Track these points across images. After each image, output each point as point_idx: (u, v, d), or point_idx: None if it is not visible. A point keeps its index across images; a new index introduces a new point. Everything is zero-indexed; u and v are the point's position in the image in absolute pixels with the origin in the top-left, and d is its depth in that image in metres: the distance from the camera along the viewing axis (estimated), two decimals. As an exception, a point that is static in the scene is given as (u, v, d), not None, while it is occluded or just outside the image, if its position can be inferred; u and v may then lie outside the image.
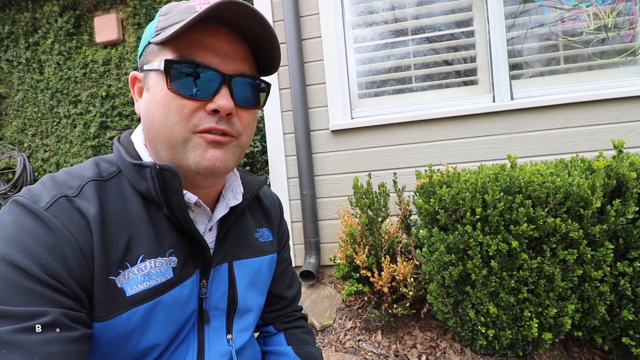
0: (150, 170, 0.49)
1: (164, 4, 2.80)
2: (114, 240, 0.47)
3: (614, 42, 1.99)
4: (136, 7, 2.91)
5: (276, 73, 2.19)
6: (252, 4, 2.27)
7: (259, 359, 0.71)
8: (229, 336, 0.60)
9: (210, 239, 0.59)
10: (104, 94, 3.00)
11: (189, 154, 0.49)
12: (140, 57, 0.54)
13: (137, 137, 0.57)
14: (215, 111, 0.48)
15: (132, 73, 0.56)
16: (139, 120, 2.99)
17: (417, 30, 2.20)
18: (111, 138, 3.04)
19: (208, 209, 0.58)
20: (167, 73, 0.47)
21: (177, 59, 0.48)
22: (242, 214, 0.66)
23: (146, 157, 0.54)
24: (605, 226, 1.18)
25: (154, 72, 0.50)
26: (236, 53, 0.51)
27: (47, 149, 3.24)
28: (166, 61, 0.47)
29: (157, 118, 0.49)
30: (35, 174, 3.28)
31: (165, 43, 0.49)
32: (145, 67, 0.52)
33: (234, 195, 0.62)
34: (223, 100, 0.48)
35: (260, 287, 0.68)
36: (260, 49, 0.53)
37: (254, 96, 0.54)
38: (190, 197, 0.53)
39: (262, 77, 0.56)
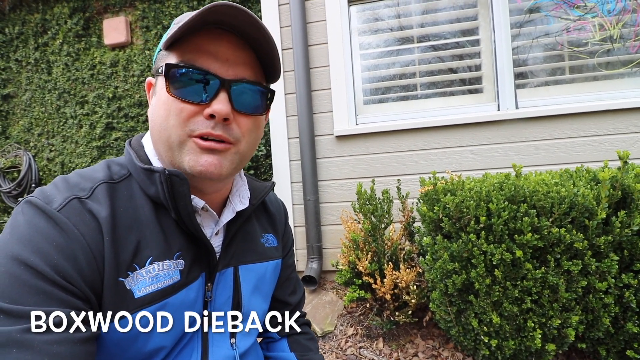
0: (159, 175, 0.50)
1: (173, 8, 2.84)
2: (123, 242, 0.48)
3: (620, 53, 1.99)
4: (145, 11, 2.95)
5: (282, 78, 2.21)
6: (260, 9, 2.29)
7: (262, 364, 0.71)
8: (233, 340, 0.61)
9: (216, 243, 0.59)
10: (110, 95, 3.03)
11: (184, 157, 0.49)
12: (154, 63, 0.56)
13: (148, 141, 0.58)
14: (212, 116, 0.48)
15: (148, 79, 0.57)
16: (144, 122, 3.01)
17: (422, 38, 2.22)
18: (116, 139, 3.06)
19: (215, 213, 0.58)
20: (166, 77, 0.48)
21: (177, 63, 0.49)
22: (249, 219, 0.67)
23: (156, 162, 0.55)
24: (610, 237, 1.17)
25: (159, 77, 0.51)
26: (238, 59, 0.51)
27: (52, 149, 3.27)
28: (166, 65, 0.48)
29: (158, 121, 0.50)
30: (40, 174, 3.30)
31: (170, 48, 0.50)
32: (155, 72, 0.53)
33: (241, 200, 0.62)
34: (219, 105, 0.48)
35: (264, 292, 0.68)
36: (260, 52, 0.52)
37: (254, 102, 0.53)
38: (197, 202, 0.54)
39: (268, 85, 0.56)
